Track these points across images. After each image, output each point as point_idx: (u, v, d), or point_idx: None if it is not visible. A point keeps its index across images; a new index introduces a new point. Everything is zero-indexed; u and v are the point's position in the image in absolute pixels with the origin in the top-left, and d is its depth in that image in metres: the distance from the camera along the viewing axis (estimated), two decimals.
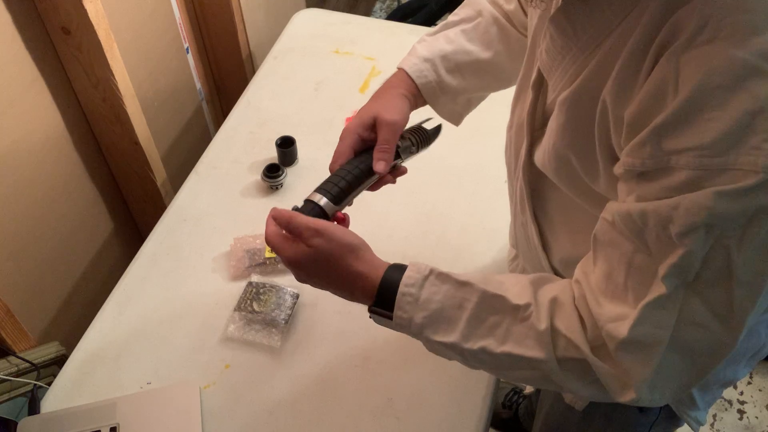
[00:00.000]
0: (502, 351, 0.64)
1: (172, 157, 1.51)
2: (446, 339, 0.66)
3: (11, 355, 1.03)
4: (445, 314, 0.66)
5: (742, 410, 1.80)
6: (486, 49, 0.89)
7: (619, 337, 0.58)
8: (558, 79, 0.66)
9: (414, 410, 0.97)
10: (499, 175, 1.27)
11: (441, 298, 0.66)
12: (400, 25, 1.67)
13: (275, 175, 1.25)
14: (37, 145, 1.13)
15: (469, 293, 0.66)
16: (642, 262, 0.57)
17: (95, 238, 1.35)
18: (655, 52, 0.53)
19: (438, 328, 0.67)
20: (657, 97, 0.53)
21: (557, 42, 0.64)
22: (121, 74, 1.16)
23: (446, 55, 0.87)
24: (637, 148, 0.54)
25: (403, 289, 0.67)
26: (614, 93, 0.57)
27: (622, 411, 0.90)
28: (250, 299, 1.07)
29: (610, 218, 0.59)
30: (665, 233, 0.54)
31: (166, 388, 0.99)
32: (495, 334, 0.65)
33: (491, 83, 0.93)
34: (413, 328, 0.67)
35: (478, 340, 0.65)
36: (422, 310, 0.67)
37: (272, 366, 1.02)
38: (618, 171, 0.58)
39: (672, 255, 0.54)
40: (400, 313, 0.67)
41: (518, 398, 1.70)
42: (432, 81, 0.87)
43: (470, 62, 0.88)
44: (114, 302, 1.10)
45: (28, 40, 1.06)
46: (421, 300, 0.67)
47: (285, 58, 1.54)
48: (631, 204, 0.56)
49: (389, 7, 2.94)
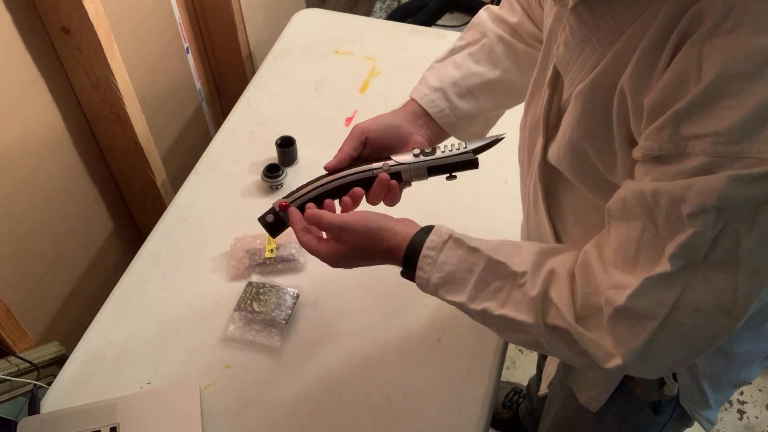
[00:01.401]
0: (500, 314, 0.69)
1: (172, 157, 1.51)
2: (456, 299, 0.72)
3: (11, 355, 1.03)
4: (456, 276, 0.72)
5: (742, 410, 1.80)
6: (494, 68, 0.90)
7: (616, 303, 0.60)
8: (576, 73, 0.66)
9: (414, 410, 0.97)
10: (500, 175, 1.28)
11: (455, 262, 0.72)
12: (400, 25, 1.67)
13: (275, 175, 1.25)
14: (37, 145, 1.13)
15: (477, 258, 0.71)
16: (650, 240, 0.59)
17: (95, 238, 1.35)
18: (676, 40, 0.54)
19: (450, 289, 0.73)
20: (678, 85, 0.53)
21: (577, 34, 0.64)
22: (121, 74, 1.16)
23: (456, 81, 0.89)
24: (656, 132, 0.55)
25: (425, 252, 0.73)
26: (633, 81, 0.58)
27: (635, 412, 0.90)
28: (250, 299, 1.07)
29: (623, 195, 0.61)
30: (676, 213, 0.54)
31: (166, 388, 0.99)
32: (497, 298, 0.70)
33: (505, 100, 0.94)
34: (430, 287, 0.74)
35: (481, 302, 0.71)
36: (438, 272, 0.73)
37: (272, 366, 1.02)
38: (636, 155, 0.59)
39: (680, 235, 0.55)
40: (420, 273, 0.74)
41: (518, 398, 1.70)
42: (445, 109, 0.89)
43: (480, 84, 0.90)
44: (114, 302, 1.10)
45: (28, 40, 1.06)
46: (439, 262, 0.73)
47: (285, 58, 1.54)
48: (645, 183, 0.57)
49: (389, 7, 2.94)
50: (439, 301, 1.08)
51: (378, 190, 0.81)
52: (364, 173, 0.82)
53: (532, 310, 0.67)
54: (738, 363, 0.83)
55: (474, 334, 1.04)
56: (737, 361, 0.83)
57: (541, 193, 0.80)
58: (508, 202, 1.20)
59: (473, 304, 0.71)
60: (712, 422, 0.87)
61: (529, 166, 0.82)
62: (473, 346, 1.03)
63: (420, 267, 0.74)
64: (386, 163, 0.82)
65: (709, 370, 0.82)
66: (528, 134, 0.81)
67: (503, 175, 1.28)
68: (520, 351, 1.92)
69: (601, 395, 0.89)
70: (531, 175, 0.81)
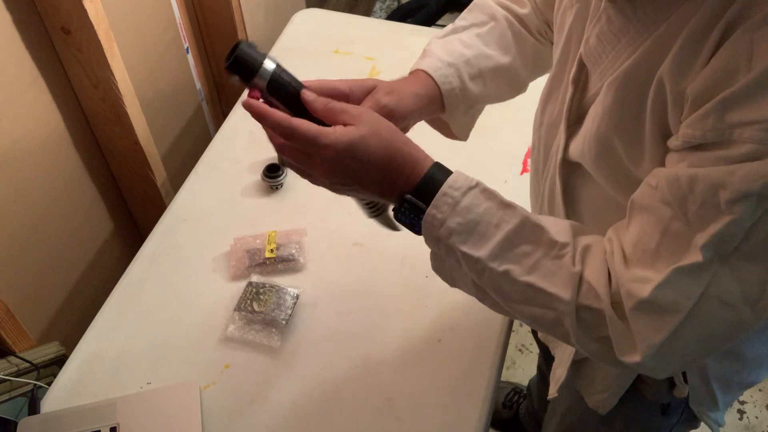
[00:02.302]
0: (526, 280, 0.63)
1: (172, 157, 1.51)
2: (473, 252, 0.64)
3: (11, 355, 1.03)
4: (480, 228, 0.64)
5: (742, 410, 1.80)
6: (504, 53, 0.85)
7: (640, 296, 0.57)
8: (608, 65, 0.64)
9: (414, 410, 0.97)
10: (500, 175, 1.28)
11: (481, 212, 0.64)
12: (400, 25, 1.67)
13: (275, 175, 1.25)
14: (37, 145, 1.13)
15: (510, 215, 0.64)
16: (677, 230, 0.56)
17: (95, 238, 1.35)
18: (723, 28, 0.53)
19: (468, 239, 0.64)
20: (727, 73, 0.52)
21: (614, 25, 0.62)
22: (121, 74, 1.16)
23: (469, 59, 0.82)
24: (699, 119, 0.54)
25: (446, 189, 0.64)
26: (674, 70, 0.56)
27: (644, 414, 0.90)
28: (250, 299, 1.07)
29: (654, 183, 0.59)
30: (713, 199, 0.53)
31: (166, 388, 0.99)
32: (523, 263, 0.63)
33: (505, 91, 0.89)
34: (442, 230, 0.64)
35: (504, 263, 0.63)
36: (458, 216, 0.64)
37: (272, 366, 1.02)
38: (673, 144, 0.57)
39: (715, 223, 0.53)
40: (435, 212, 0.64)
41: (518, 398, 1.70)
42: (456, 88, 0.81)
43: (492, 68, 0.84)
44: (114, 302, 1.10)
45: (28, 40, 1.06)
46: (461, 206, 0.64)
47: (285, 58, 1.53)
48: (681, 168, 0.56)
49: (389, 7, 2.94)
50: (439, 301, 1.09)
51: None
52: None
53: (569, 284, 0.61)
54: (748, 365, 0.82)
55: (474, 334, 1.04)
56: (747, 364, 0.82)
57: (560, 191, 0.77)
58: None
59: (494, 262, 0.63)
60: (720, 424, 0.87)
61: (544, 165, 0.80)
62: (473, 346, 1.03)
63: (435, 205, 0.64)
64: None
65: (720, 372, 0.82)
66: (545, 133, 0.79)
67: (503, 175, 1.28)
68: (520, 351, 1.92)
69: (611, 398, 0.88)
70: (547, 175, 0.80)
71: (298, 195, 1.25)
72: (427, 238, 0.67)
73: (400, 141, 0.66)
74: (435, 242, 0.66)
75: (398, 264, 1.14)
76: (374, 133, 0.64)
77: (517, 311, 0.67)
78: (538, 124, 0.81)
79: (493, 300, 0.67)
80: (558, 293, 0.62)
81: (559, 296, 0.62)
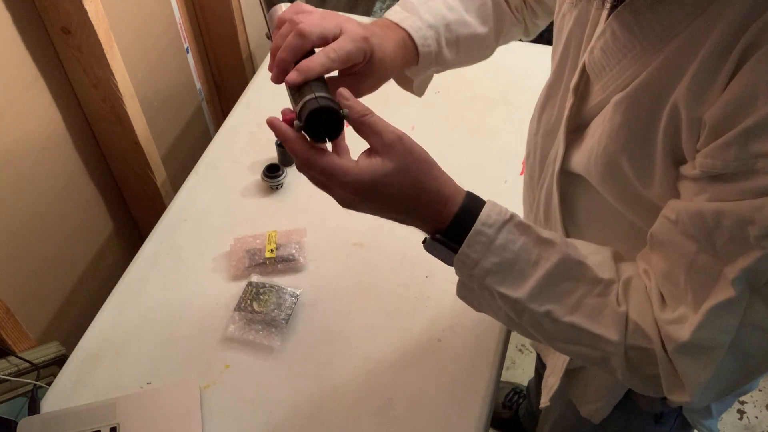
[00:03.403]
0: (569, 321, 0.61)
1: (172, 157, 1.51)
2: (511, 293, 0.61)
3: (11, 355, 1.03)
4: (517, 267, 0.61)
5: (742, 410, 1.80)
6: (482, 23, 0.83)
7: (680, 340, 0.56)
8: (612, 79, 0.63)
9: (414, 410, 0.97)
10: (499, 175, 1.28)
11: (517, 249, 0.61)
12: None
13: (275, 175, 1.25)
14: (37, 145, 1.13)
15: (548, 252, 0.61)
16: (705, 264, 0.55)
17: (95, 238, 1.35)
18: (740, 52, 0.51)
19: (505, 279, 0.61)
20: (746, 100, 0.50)
21: (619, 40, 0.61)
22: (121, 74, 1.16)
23: (449, 24, 0.79)
24: (721, 149, 0.52)
25: (479, 228, 0.61)
26: (690, 95, 0.54)
27: (637, 423, 0.89)
28: (250, 299, 1.07)
29: (674, 216, 0.57)
30: (741, 234, 0.52)
31: (166, 388, 0.99)
32: (564, 302, 0.61)
33: (473, 59, 0.86)
34: (477, 270, 0.62)
35: (545, 303, 0.61)
36: (493, 255, 0.61)
37: (272, 366, 1.02)
38: (690, 172, 0.56)
39: (745, 257, 0.52)
40: (469, 251, 0.61)
41: (518, 398, 1.70)
42: (432, 52, 0.78)
43: (468, 36, 0.81)
44: (114, 302, 1.10)
45: (28, 40, 1.06)
46: (496, 244, 0.61)
47: None
48: (703, 203, 0.54)
49: (389, 7, 2.94)
50: (439, 301, 1.09)
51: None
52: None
53: (618, 325, 0.60)
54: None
55: (474, 334, 1.04)
56: None
57: (557, 201, 0.76)
58: (508, 202, 1.19)
59: (534, 303, 0.61)
60: (713, 431, 0.87)
61: (540, 173, 0.78)
62: (473, 346, 1.03)
63: (469, 244, 0.61)
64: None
65: None
66: (541, 141, 0.77)
67: (503, 175, 1.28)
68: (520, 351, 1.92)
69: (604, 408, 0.87)
70: (543, 183, 0.78)
71: (298, 195, 1.25)
72: (459, 274, 0.65)
73: (429, 178, 0.62)
74: (468, 279, 0.64)
75: (398, 264, 1.14)
76: (401, 170, 0.60)
77: (558, 348, 0.65)
78: (535, 131, 0.80)
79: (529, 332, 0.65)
80: (605, 334, 0.60)
81: (607, 338, 0.60)
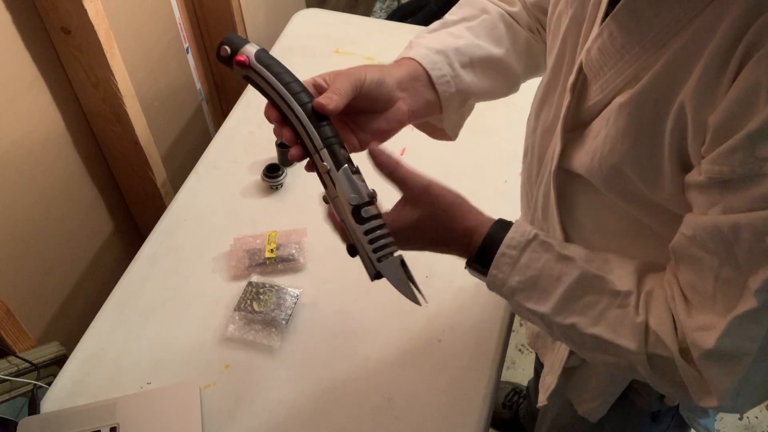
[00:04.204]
0: (592, 333, 0.64)
1: (172, 157, 1.51)
2: (537, 308, 0.66)
3: (11, 355, 1.03)
4: (540, 283, 0.66)
5: None
6: (497, 45, 0.82)
7: (705, 347, 0.57)
8: (611, 79, 0.63)
9: (414, 410, 0.97)
10: (499, 175, 1.28)
11: (540, 266, 0.66)
12: (400, 25, 1.67)
13: (275, 175, 1.25)
14: (37, 145, 1.13)
15: (569, 268, 0.65)
16: (729, 275, 0.55)
17: (95, 238, 1.35)
18: (741, 54, 0.50)
19: (531, 296, 0.66)
20: (746, 102, 0.50)
21: (617, 40, 0.60)
22: (121, 74, 1.16)
23: (459, 48, 0.78)
24: (727, 155, 0.52)
25: (504, 250, 0.66)
26: (696, 97, 0.54)
27: (633, 421, 0.89)
28: (250, 299, 1.07)
29: (691, 233, 0.57)
30: (760, 245, 0.52)
31: (166, 388, 0.99)
32: (587, 314, 0.64)
33: (500, 86, 0.85)
34: (505, 290, 0.67)
35: (569, 316, 0.65)
36: (518, 274, 0.66)
37: (272, 366, 1.02)
38: (696, 179, 0.56)
39: (766, 268, 0.52)
40: (496, 272, 0.67)
41: (518, 398, 1.70)
42: (447, 75, 0.76)
43: (484, 57, 0.80)
44: (114, 302, 1.10)
45: (28, 40, 1.06)
46: (520, 264, 0.66)
47: (285, 58, 1.52)
48: (718, 217, 0.54)
49: (389, 7, 2.94)
50: (439, 301, 1.09)
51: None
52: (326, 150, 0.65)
53: (636, 335, 0.61)
54: None
55: (474, 334, 1.04)
56: None
57: (555, 199, 0.75)
58: (508, 202, 1.19)
59: (559, 317, 0.65)
60: (710, 430, 0.87)
61: (538, 171, 0.78)
62: (473, 346, 1.03)
63: (496, 265, 0.66)
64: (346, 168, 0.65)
65: None
66: (539, 139, 0.77)
67: (503, 175, 1.28)
68: (520, 351, 1.92)
69: (602, 407, 0.88)
70: (541, 181, 0.77)
71: (298, 195, 1.25)
72: (495, 292, 0.70)
73: (457, 219, 0.68)
74: (501, 296, 0.69)
75: None
76: (430, 216, 0.67)
77: (590, 358, 0.70)
78: (532, 129, 0.79)
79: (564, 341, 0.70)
80: (625, 345, 0.62)
81: (627, 348, 0.62)
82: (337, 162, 0.65)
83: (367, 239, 0.65)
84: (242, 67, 0.68)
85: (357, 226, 0.65)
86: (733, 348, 0.56)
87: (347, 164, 0.65)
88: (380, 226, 0.66)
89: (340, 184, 0.65)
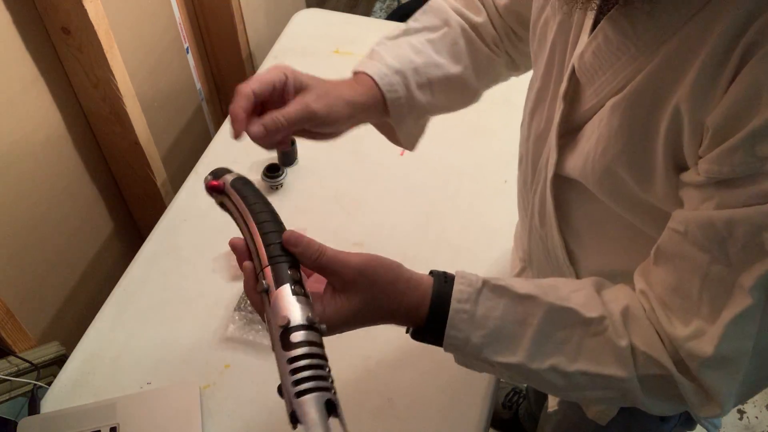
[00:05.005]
0: (577, 369, 0.60)
1: (172, 157, 1.51)
2: (510, 359, 0.60)
3: (11, 355, 1.03)
4: (506, 331, 0.60)
5: (742, 410, 1.80)
6: (455, 62, 0.81)
7: (704, 355, 0.55)
8: (606, 82, 0.62)
9: (414, 410, 0.97)
10: (499, 175, 1.28)
11: (500, 314, 0.60)
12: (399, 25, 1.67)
13: (275, 175, 1.25)
14: (37, 145, 1.13)
15: (532, 307, 0.60)
16: (719, 273, 0.54)
17: (95, 238, 1.35)
18: (740, 53, 0.50)
19: (499, 348, 0.60)
20: (747, 102, 0.50)
21: (612, 43, 0.60)
22: (121, 74, 1.16)
23: (417, 67, 0.78)
24: (727, 155, 0.51)
25: (456, 306, 0.60)
26: (692, 98, 0.53)
27: (641, 421, 0.88)
28: None
29: (682, 228, 0.56)
30: (755, 241, 0.51)
31: (166, 388, 0.99)
32: (564, 352, 0.60)
33: (455, 101, 0.84)
34: (470, 348, 0.61)
35: (546, 359, 0.60)
36: (480, 328, 0.60)
37: (272, 366, 1.01)
38: (693, 179, 0.55)
39: (761, 264, 0.51)
40: (454, 332, 0.60)
41: (518, 398, 1.70)
42: (402, 97, 0.76)
43: (441, 77, 0.80)
44: (114, 302, 1.10)
45: (28, 40, 1.06)
46: (478, 316, 0.60)
47: (285, 58, 1.54)
48: (712, 212, 0.53)
49: (389, 7, 2.95)
50: None
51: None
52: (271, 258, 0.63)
53: (622, 361, 0.58)
54: None
55: None
56: None
57: (552, 206, 0.74)
58: (508, 202, 1.19)
59: (535, 362, 0.60)
60: (717, 426, 0.87)
61: (533, 178, 0.77)
62: None
63: (452, 325, 0.60)
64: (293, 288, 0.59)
65: None
66: (532, 146, 0.76)
67: (503, 175, 1.28)
68: None
69: (611, 410, 0.86)
70: (536, 188, 0.77)
71: (298, 195, 1.25)
72: (455, 355, 0.64)
73: (397, 297, 0.61)
74: (465, 357, 0.63)
75: None
76: (367, 302, 0.61)
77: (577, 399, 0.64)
78: (525, 136, 0.78)
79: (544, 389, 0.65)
80: (613, 373, 0.59)
81: (615, 376, 0.59)
82: (278, 280, 0.58)
83: (289, 368, 0.57)
84: (217, 192, 0.69)
85: (282, 351, 0.57)
86: (732, 350, 0.55)
87: (290, 284, 0.58)
88: (310, 356, 0.57)
89: (273, 302, 0.58)
